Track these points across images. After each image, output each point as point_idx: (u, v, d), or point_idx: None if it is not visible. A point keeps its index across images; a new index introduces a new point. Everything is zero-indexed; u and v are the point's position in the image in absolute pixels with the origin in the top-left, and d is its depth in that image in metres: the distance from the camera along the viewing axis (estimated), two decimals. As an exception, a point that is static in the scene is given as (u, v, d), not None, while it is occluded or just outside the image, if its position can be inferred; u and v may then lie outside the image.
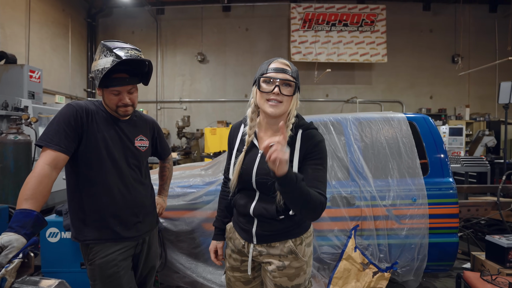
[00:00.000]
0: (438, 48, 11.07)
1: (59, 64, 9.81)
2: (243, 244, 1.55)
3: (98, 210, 1.63)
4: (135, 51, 1.62)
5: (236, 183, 1.51)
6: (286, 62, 1.42)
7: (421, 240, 2.62)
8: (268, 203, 1.44)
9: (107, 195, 1.63)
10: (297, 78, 1.42)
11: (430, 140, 2.79)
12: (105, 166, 1.63)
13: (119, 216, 1.66)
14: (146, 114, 2.00)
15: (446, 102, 11.15)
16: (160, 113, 11.47)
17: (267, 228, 1.46)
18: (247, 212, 1.50)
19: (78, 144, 1.58)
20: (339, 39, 10.33)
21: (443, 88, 11.16)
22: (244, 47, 11.23)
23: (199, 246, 2.66)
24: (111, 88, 1.62)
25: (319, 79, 10.42)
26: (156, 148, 2.04)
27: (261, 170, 1.43)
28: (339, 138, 2.82)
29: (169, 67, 11.42)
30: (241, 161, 1.49)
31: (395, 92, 11.20)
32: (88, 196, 1.62)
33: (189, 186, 2.80)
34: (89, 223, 1.63)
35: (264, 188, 1.44)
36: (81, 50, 10.97)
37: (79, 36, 10.85)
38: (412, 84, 11.17)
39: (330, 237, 2.63)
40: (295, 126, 1.45)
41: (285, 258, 1.45)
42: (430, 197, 2.66)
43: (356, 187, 2.68)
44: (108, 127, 1.67)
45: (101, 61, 1.56)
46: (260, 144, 1.49)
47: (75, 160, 1.60)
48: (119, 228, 1.66)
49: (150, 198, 1.88)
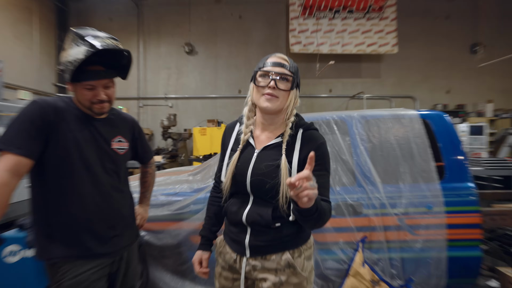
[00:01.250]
0: (455, 36, 11.09)
1: (22, 54, 9.67)
2: (234, 258, 1.55)
3: (67, 223, 1.60)
4: (112, 40, 1.61)
5: (230, 186, 1.54)
6: (285, 57, 1.51)
7: (438, 253, 2.62)
8: (263, 208, 1.47)
9: (79, 205, 1.61)
10: (296, 73, 1.50)
11: (447, 140, 2.80)
12: (76, 172, 1.61)
13: (92, 229, 1.64)
14: (125, 112, 1.99)
15: (465, 97, 11.17)
16: (142, 111, 11.43)
17: (261, 238, 1.48)
18: (239, 220, 1.51)
19: (45, 147, 1.56)
20: (343, 27, 10.35)
21: (461, 81, 11.19)
22: (237, 37, 11.23)
23: (186, 262, 2.64)
24: (84, 82, 1.60)
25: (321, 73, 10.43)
26: (137, 151, 2.03)
27: (256, 170, 1.47)
28: (344, 139, 2.82)
29: (153, 59, 11.39)
30: (236, 160, 1.52)
31: (407, 86, 11.25)
32: (56, 207, 1.60)
33: (175, 194, 2.79)
34: (56, 239, 1.60)
35: (259, 191, 1.47)
36: (49, 38, 10.79)
37: (47, 22, 10.67)
38: (426, 77, 11.23)
39: (335, 250, 2.62)
40: (295, 125, 1.51)
41: (282, 273, 1.46)
42: (447, 204, 2.66)
43: (363, 194, 2.68)
44: (80, 127, 1.65)
45: (72, 51, 1.54)
46: (256, 143, 1.55)
47: (41, 165, 1.57)
48: (92, 243, 1.64)
49: (130, 208, 1.87)
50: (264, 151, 1.52)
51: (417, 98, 11.15)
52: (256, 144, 1.55)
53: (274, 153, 1.48)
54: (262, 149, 1.52)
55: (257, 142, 1.56)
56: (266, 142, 1.54)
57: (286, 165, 1.42)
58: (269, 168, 1.45)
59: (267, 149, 1.51)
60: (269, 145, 1.52)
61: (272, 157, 1.47)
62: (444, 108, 10.87)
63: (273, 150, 1.50)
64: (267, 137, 1.55)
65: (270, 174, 1.44)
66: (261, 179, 1.45)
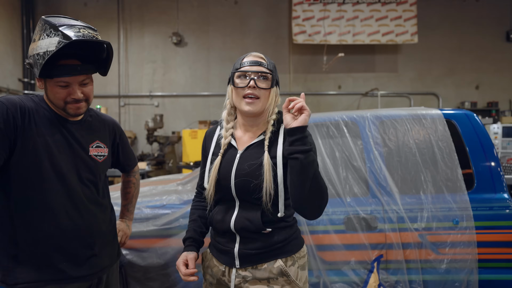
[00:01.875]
0: (486, 22, 11.05)
1: (-22, 44, 9.65)
2: (223, 270, 1.65)
3: (36, 241, 1.61)
4: (89, 30, 1.62)
5: (213, 192, 1.65)
6: (261, 55, 1.68)
7: (468, 276, 2.61)
8: (251, 212, 1.58)
9: (50, 220, 1.62)
10: (274, 70, 1.67)
11: (476, 143, 2.80)
12: (47, 182, 1.61)
13: (66, 248, 1.65)
14: (104, 114, 2.01)
15: (498, 93, 11.14)
16: (124, 111, 11.44)
17: (251, 246, 1.59)
18: (226, 228, 1.61)
19: (10, 154, 1.56)
20: (355, 14, 10.38)
21: (493, 75, 11.17)
22: (232, 26, 11.26)
23: (175, 285, 2.64)
24: (57, 78, 1.60)
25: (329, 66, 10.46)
26: (118, 158, 2.04)
27: (240, 171, 1.59)
28: (355, 143, 2.82)
29: (135, 52, 11.41)
30: (218, 164, 1.65)
31: (429, 81, 11.27)
32: (23, 223, 1.60)
33: (161, 206, 2.79)
34: (23, 260, 1.60)
35: (245, 193, 1.59)
36: (12, 26, 10.69)
37: (10, 6, 10.55)
38: (452, 70, 11.23)
39: (346, 271, 2.63)
40: (277, 121, 1.67)
41: (275, 282, 1.56)
42: (477, 218, 2.65)
43: (378, 206, 2.69)
44: (52, 130, 1.66)
45: (42, 43, 1.55)
46: (238, 145, 1.69)
47: (5, 175, 1.58)
48: (65, 265, 1.64)
49: (110, 223, 1.87)
50: (246, 151, 1.65)
51: (440, 95, 11.18)
52: (239, 146, 1.69)
53: (257, 151, 1.62)
54: (245, 150, 1.66)
55: (239, 143, 1.70)
56: (248, 143, 1.68)
57: (269, 161, 1.56)
58: (252, 167, 1.58)
59: (250, 149, 1.66)
60: (252, 144, 1.64)
61: (255, 155, 1.61)
62: (473, 107, 10.84)
63: (255, 148, 1.64)
64: (249, 138, 1.70)
65: (254, 173, 1.57)
66: (245, 180, 1.57)
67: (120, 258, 2.00)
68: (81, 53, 1.65)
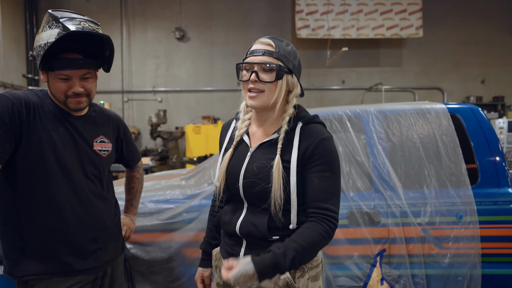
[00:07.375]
0: (493, 14, 10.93)
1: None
2: None
3: (42, 235, 1.63)
4: (90, 24, 1.62)
5: (223, 190, 1.56)
6: (270, 41, 1.49)
7: (471, 270, 2.61)
8: (258, 217, 1.48)
9: (56, 215, 1.64)
10: (286, 58, 1.47)
11: (481, 138, 2.79)
12: (53, 177, 1.63)
13: (71, 242, 1.67)
14: (108, 109, 2.02)
15: (504, 88, 11.05)
16: (127, 106, 11.46)
17: (257, 253, 1.43)
18: (233, 231, 1.53)
19: (15, 149, 1.58)
20: (359, 7, 10.33)
21: (499, 69, 11.07)
22: (235, 20, 11.23)
23: (179, 278, 2.66)
24: (58, 71, 1.61)
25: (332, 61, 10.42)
26: (122, 153, 2.05)
27: (249, 171, 1.49)
28: (359, 137, 2.83)
29: (139, 47, 11.41)
30: (228, 160, 1.55)
31: (433, 76, 11.21)
32: (29, 217, 1.62)
33: (165, 201, 2.81)
34: (30, 253, 1.62)
35: (251, 195, 1.49)
36: (16, 21, 10.73)
37: (13, 2, 10.58)
38: (457, 64, 11.15)
39: (349, 265, 2.64)
40: (294, 118, 1.52)
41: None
42: (481, 213, 2.65)
43: (382, 200, 2.69)
44: (57, 125, 1.67)
45: (44, 34, 1.56)
46: (251, 141, 1.57)
47: (11, 169, 1.60)
48: (71, 258, 1.66)
49: (114, 218, 1.89)
50: (258, 149, 1.54)
51: (445, 89, 11.12)
52: (252, 142, 1.57)
53: (269, 151, 1.50)
54: (257, 148, 1.54)
55: (253, 139, 1.58)
56: (261, 140, 1.55)
57: (279, 166, 1.42)
58: (262, 169, 1.46)
59: (262, 147, 1.53)
60: (264, 142, 1.53)
61: (266, 156, 1.49)
62: (478, 101, 10.77)
63: (268, 148, 1.51)
64: (263, 134, 1.57)
65: (263, 175, 1.45)
66: (253, 181, 1.46)
67: (124, 252, 2.02)
68: (83, 48, 1.66)
